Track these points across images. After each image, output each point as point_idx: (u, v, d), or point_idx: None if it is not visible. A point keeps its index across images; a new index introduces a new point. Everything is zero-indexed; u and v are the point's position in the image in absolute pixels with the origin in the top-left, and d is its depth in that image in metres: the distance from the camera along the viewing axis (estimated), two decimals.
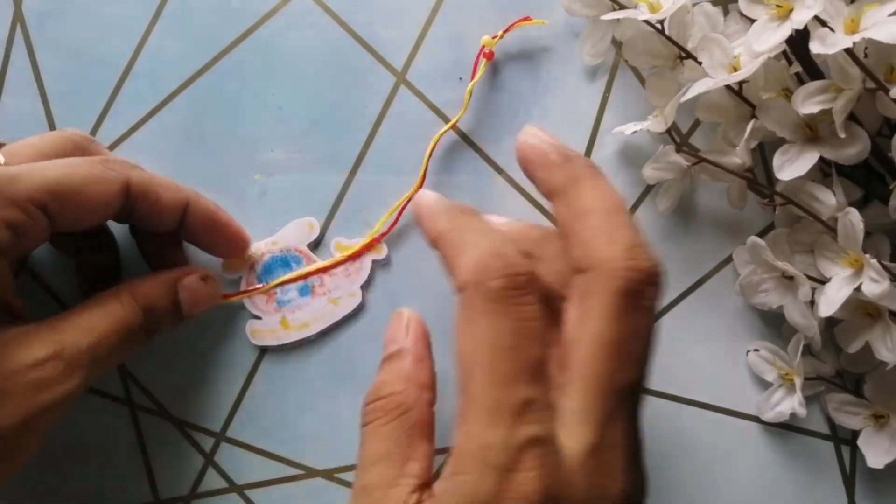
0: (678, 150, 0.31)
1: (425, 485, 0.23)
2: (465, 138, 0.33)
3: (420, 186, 0.32)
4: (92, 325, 0.27)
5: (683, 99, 0.29)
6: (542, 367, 0.22)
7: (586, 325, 0.22)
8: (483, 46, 0.32)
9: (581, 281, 0.22)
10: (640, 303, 0.22)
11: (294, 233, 0.32)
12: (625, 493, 0.21)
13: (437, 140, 0.32)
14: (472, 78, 0.32)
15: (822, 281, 0.29)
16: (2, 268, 0.26)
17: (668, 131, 0.31)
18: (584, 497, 0.21)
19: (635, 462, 0.22)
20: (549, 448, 0.21)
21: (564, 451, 0.21)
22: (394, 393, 0.25)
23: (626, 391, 0.22)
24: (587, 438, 0.21)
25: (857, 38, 0.25)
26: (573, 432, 0.21)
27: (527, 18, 0.33)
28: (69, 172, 0.27)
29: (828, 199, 0.29)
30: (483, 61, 0.32)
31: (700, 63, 0.29)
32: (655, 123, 0.31)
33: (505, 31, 0.33)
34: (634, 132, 0.31)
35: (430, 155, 0.32)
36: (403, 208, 0.32)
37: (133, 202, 0.28)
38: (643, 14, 0.29)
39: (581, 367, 0.22)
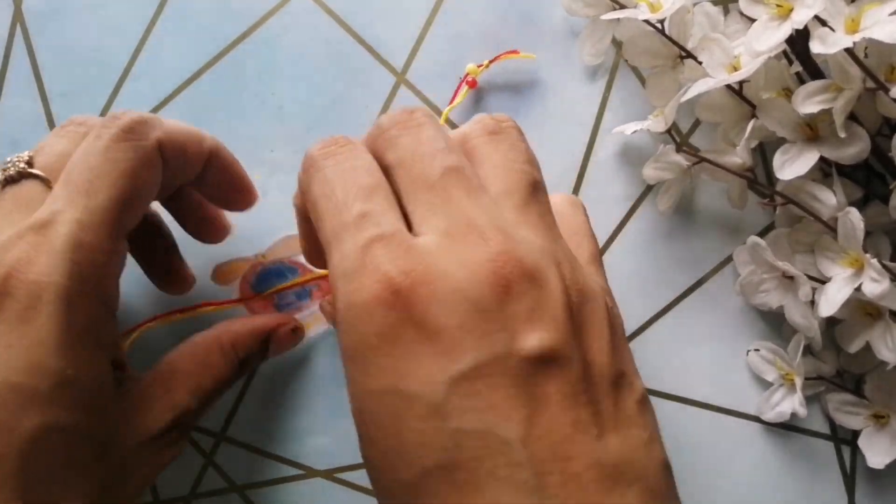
0: (678, 150, 0.31)
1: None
2: None
3: None
4: (199, 384, 0.28)
5: (684, 99, 0.29)
6: (375, 191, 0.22)
7: (384, 163, 0.23)
8: (467, 74, 0.32)
9: None
10: (407, 123, 0.23)
11: (283, 247, 0.32)
12: (497, 251, 0.20)
13: None
14: (451, 102, 0.32)
15: (823, 281, 0.29)
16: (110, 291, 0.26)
17: (669, 131, 0.31)
18: (451, 268, 0.20)
19: (506, 229, 0.21)
20: (393, 238, 0.21)
21: (420, 243, 0.21)
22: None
23: (440, 177, 0.22)
24: (438, 223, 0.21)
25: (857, 37, 0.25)
26: (425, 229, 0.21)
27: (514, 52, 0.33)
28: (173, 127, 0.27)
29: (828, 199, 0.29)
30: (465, 88, 0.32)
31: (700, 63, 0.29)
32: (655, 123, 0.31)
33: (491, 62, 0.32)
34: (634, 132, 0.31)
35: None
36: None
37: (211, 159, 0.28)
38: (643, 14, 0.29)
39: (398, 190, 0.23)
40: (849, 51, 0.26)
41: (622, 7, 0.30)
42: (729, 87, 0.29)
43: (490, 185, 0.23)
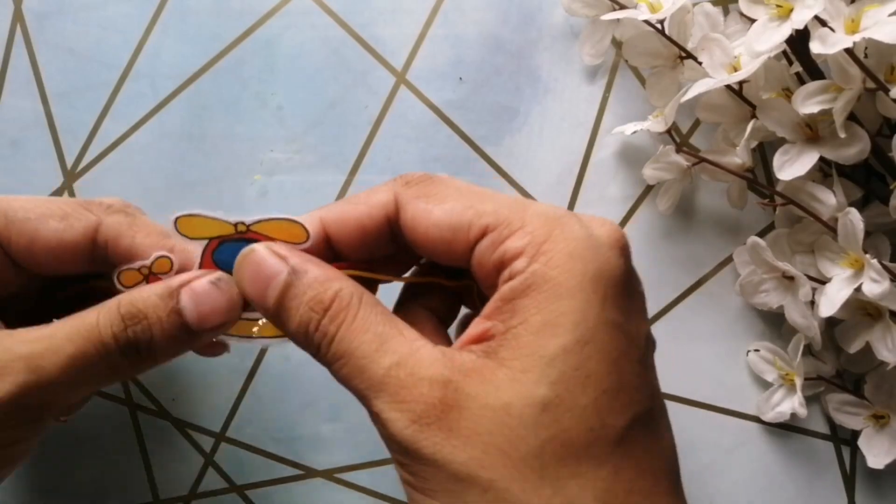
0: (678, 151, 0.31)
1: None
2: (465, 138, 0.33)
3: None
4: (58, 346, 0.23)
5: (684, 99, 0.29)
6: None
7: None
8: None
9: None
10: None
11: (271, 227, 0.26)
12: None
13: None
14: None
15: (823, 281, 0.29)
16: None
17: (669, 132, 0.31)
18: None
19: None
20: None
21: None
22: (339, 289, 0.22)
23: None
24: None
25: (857, 37, 0.25)
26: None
27: None
28: (26, 205, 0.24)
29: (828, 199, 0.29)
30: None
31: (700, 63, 0.29)
32: (655, 123, 0.31)
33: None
34: (634, 132, 0.31)
35: None
36: None
37: (102, 250, 0.25)
38: (643, 14, 0.29)
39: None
40: (849, 51, 0.26)
41: (622, 7, 0.30)
42: (729, 87, 0.29)
43: None
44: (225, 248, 0.25)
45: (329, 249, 0.24)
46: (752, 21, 0.28)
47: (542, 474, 0.20)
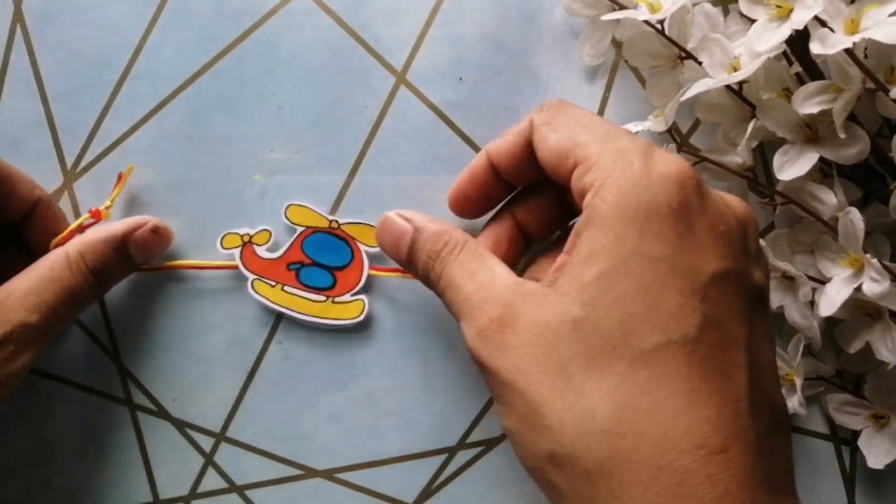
0: (679, 150, 0.31)
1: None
2: (465, 138, 0.33)
3: None
4: (42, 298, 0.28)
5: (683, 98, 0.29)
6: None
7: None
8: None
9: None
10: None
11: (355, 230, 0.33)
12: (741, 199, 0.26)
13: None
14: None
15: (823, 281, 0.29)
16: None
17: (669, 131, 0.31)
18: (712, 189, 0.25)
19: None
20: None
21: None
22: (447, 239, 0.28)
23: None
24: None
25: (857, 38, 0.25)
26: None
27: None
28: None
29: (828, 199, 0.29)
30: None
31: (700, 63, 0.29)
32: (656, 123, 0.31)
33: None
34: (637, 133, 0.31)
35: None
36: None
37: None
38: (643, 14, 0.29)
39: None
40: (848, 51, 0.26)
41: (622, 7, 0.30)
42: (729, 87, 0.29)
43: None
44: (314, 238, 0.32)
45: (496, 176, 0.29)
46: (752, 21, 0.28)
47: (569, 383, 0.23)
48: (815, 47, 0.26)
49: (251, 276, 0.32)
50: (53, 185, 0.33)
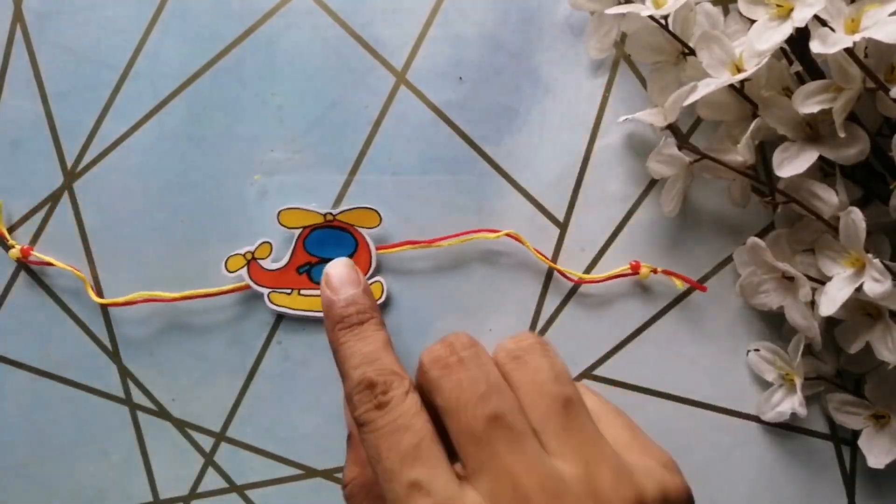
0: (680, 147, 0.31)
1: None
2: (466, 138, 0.33)
3: None
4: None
5: (687, 102, 0.29)
6: (422, 449, 0.22)
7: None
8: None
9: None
10: (447, 363, 0.23)
11: (354, 216, 0.32)
12: None
13: None
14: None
15: (823, 281, 0.29)
16: None
17: (670, 127, 0.31)
18: None
19: (551, 486, 0.21)
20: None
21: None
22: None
23: (484, 430, 0.22)
24: (485, 486, 0.21)
25: (857, 37, 0.25)
26: (474, 483, 0.22)
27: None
28: None
29: (830, 198, 0.28)
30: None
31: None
32: (654, 115, 0.30)
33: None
34: (626, 119, 0.31)
35: None
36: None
37: None
38: (647, 9, 0.29)
39: (448, 424, 0.23)
40: (849, 51, 0.26)
41: (627, 1, 0.30)
42: (731, 85, 0.29)
43: (529, 414, 0.23)
44: (314, 236, 0.32)
45: None
46: (752, 21, 0.28)
47: None
48: (816, 46, 0.26)
49: (265, 290, 0.32)
50: (53, 186, 0.33)
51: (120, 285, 0.33)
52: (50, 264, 0.32)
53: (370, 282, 0.32)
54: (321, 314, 0.30)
